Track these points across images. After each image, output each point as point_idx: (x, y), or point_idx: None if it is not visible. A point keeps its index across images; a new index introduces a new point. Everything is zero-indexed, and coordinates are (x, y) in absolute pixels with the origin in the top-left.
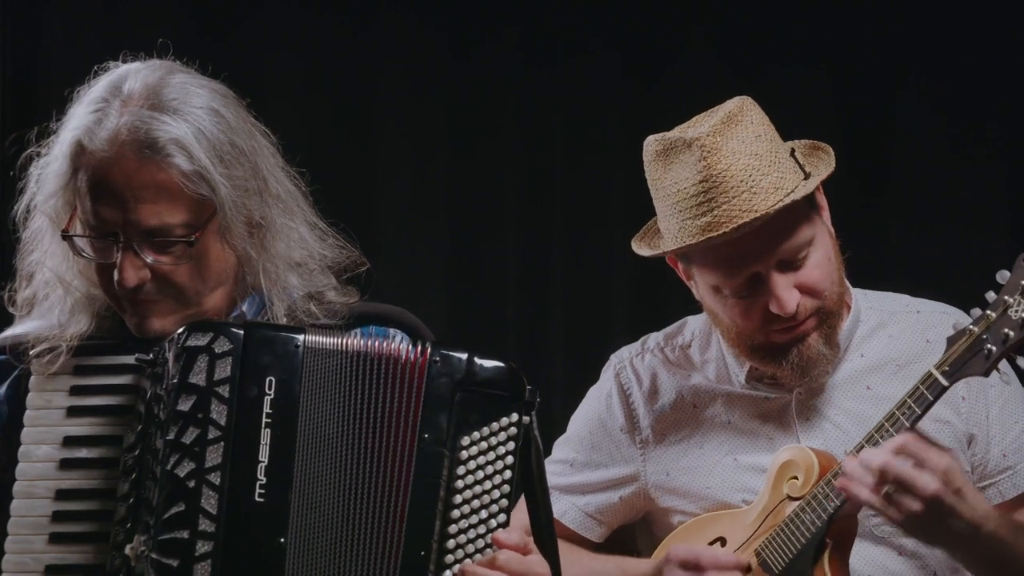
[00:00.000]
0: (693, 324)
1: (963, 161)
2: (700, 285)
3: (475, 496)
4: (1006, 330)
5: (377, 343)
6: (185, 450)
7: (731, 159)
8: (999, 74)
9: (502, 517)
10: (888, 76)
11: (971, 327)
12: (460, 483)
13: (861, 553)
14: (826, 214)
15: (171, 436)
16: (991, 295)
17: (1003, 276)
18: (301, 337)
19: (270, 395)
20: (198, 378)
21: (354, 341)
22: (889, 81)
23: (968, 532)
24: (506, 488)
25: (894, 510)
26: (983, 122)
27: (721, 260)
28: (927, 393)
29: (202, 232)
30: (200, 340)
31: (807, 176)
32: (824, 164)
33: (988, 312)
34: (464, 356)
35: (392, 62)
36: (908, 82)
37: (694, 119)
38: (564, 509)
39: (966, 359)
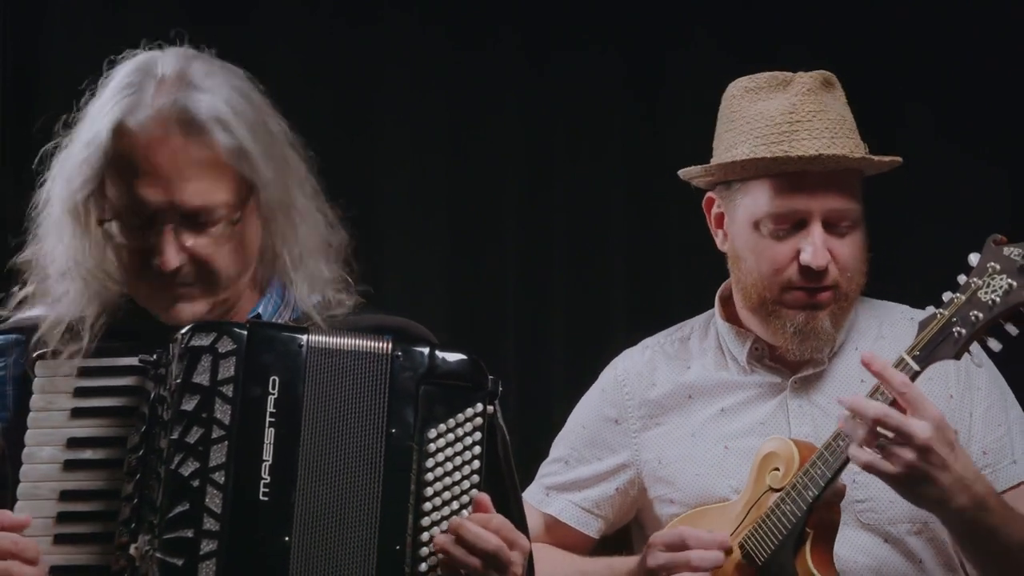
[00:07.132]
0: (693, 322)
1: (964, 162)
2: (737, 222)
3: (446, 488)
4: (975, 312)
5: (380, 343)
6: (189, 449)
7: (824, 107)
8: (1001, 75)
9: (473, 508)
10: (891, 77)
11: (940, 311)
12: (430, 475)
13: (847, 540)
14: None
15: (175, 436)
16: (962, 278)
17: (974, 259)
18: (304, 337)
19: (274, 394)
20: (202, 378)
21: (358, 341)
22: (892, 82)
23: (958, 490)
24: (475, 478)
25: (889, 462)
26: (985, 123)
27: (779, 189)
28: None
29: (243, 211)
30: (204, 340)
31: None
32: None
33: (957, 295)
34: (425, 350)
35: (392, 61)
36: (911, 83)
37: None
38: (561, 507)
39: (936, 343)
